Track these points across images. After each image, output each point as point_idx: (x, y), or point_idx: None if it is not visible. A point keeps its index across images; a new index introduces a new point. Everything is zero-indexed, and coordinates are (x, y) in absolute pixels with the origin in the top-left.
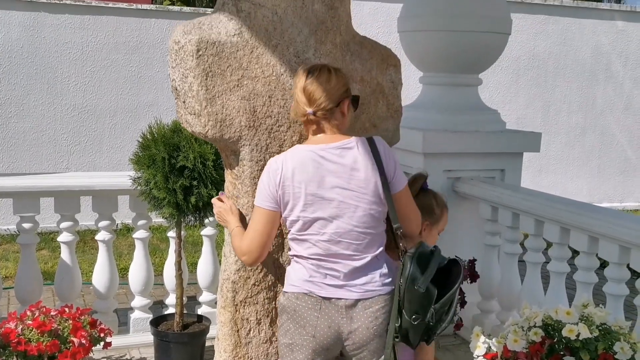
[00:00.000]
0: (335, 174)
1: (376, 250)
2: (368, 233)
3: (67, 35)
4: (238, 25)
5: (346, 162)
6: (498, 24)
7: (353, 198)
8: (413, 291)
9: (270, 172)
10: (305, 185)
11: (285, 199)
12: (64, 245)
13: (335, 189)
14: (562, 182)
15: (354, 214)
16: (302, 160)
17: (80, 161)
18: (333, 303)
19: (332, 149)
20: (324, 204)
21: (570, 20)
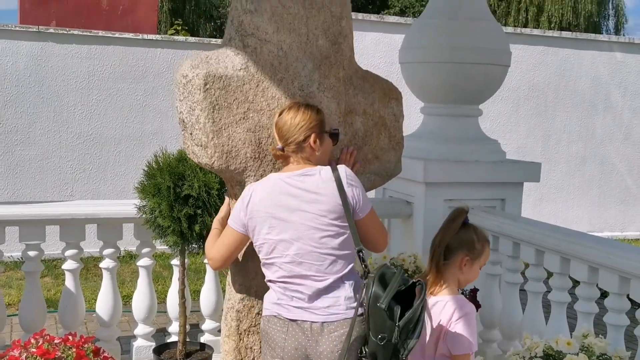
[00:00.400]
0: (296, 198)
1: (340, 272)
2: (330, 254)
3: (74, 65)
4: (244, 59)
5: (307, 187)
6: (498, 56)
7: (312, 220)
8: (376, 309)
9: (242, 198)
10: (269, 209)
11: (252, 224)
12: (69, 273)
13: (297, 212)
14: (562, 211)
15: (313, 235)
16: (269, 187)
17: (85, 188)
18: (299, 325)
19: (295, 176)
20: (286, 226)
21: (569, 51)
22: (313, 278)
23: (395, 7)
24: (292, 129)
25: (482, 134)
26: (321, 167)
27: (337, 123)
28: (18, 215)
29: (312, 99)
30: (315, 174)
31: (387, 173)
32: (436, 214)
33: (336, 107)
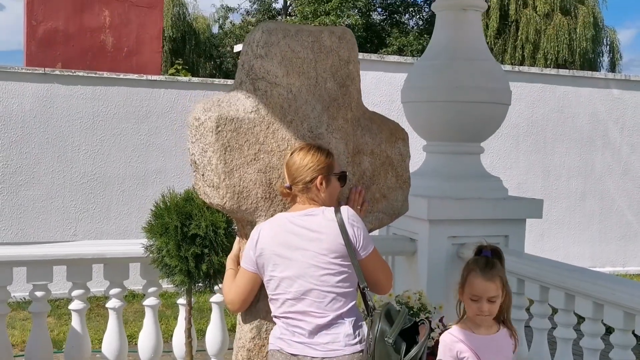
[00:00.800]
0: (299, 237)
1: (340, 309)
2: (330, 292)
3: (79, 106)
4: (255, 102)
5: (310, 226)
6: (498, 95)
7: (313, 259)
8: (383, 344)
9: (251, 238)
10: (274, 247)
11: (261, 262)
12: (75, 313)
13: (299, 250)
14: (564, 246)
15: (314, 273)
16: (276, 226)
17: (88, 228)
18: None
19: (300, 216)
20: (289, 264)
21: (567, 88)
22: (314, 314)
23: (393, 46)
24: (300, 169)
25: (484, 171)
26: (325, 207)
27: (345, 163)
28: (26, 255)
29: (321, 140)
30: (319, 214)
31: (394, 212)
32: (440, 251)
33: (344, 148)
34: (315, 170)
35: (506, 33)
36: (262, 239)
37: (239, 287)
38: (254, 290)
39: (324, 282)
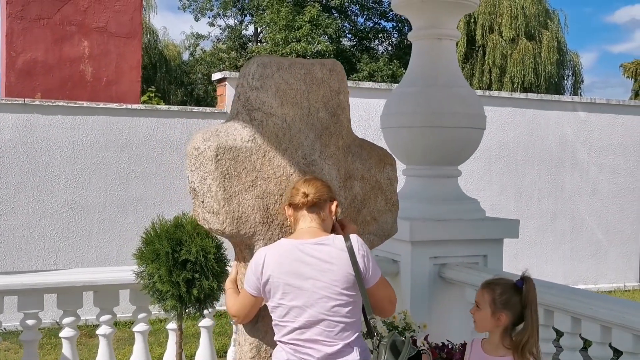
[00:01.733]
0: (310, 267)
1: (349, 338)
2: (340, 322)
3: (59, 135)
4: (252, 132)
5: (321, 256)
6: (475, 120)
7: (325, 289)
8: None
9: (253, 264)
10: (284, 276)
11: (267, 288)
12: (66, 340)
13: (310, 280)
14: (537, 265)
15: (326, 303)
16: (284, 253)
17: (69, 257)
18: None
19: (310, 244)
20: (300, 293)
21: (535, 112)
22: (323, 343)
23: (364, 71)
24: (322, 188)
25: (462, 193)
26: (334, 236)
27: (338, 188)
28: (17, 284)
29: (315, 167)
30: (330, 244)
31: (384, 233)
32: (422, 271)
33: (337, 173)
34: (331, 193)
35: (473, 58)
36: (269, 265)
37: (242, 305)
38: (256, 309)
39: (335, 312)
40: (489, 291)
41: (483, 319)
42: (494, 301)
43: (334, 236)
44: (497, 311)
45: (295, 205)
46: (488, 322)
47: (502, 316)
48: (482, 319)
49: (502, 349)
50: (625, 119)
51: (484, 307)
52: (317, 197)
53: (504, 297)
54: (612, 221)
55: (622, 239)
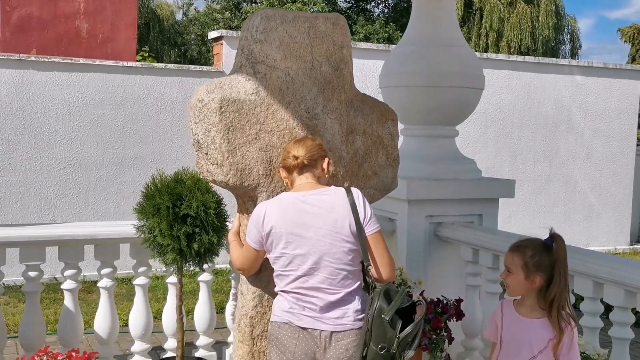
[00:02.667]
0: (313, 216)
1: (351, 286)
2: (342, 269)
3: (55, 92)
4: (255, 85)
5: (324, 205)
6: (473, 80)
7: (328, 237)
8: (380, 321)
9: (254, 218)
10: (287, 226)
11: (269, 240)
12: (67, 292)
13: (313, 228)
14: (530, 228)
15: (329, 251)
16: (285, 205)
17: (66, 213)
18: (310, 333)
19: (311, 195)
20: (303, 242)
21: (532, 75)
22: (326, 291)
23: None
24: (312, 147)
25: (459, 153)
26: (335, 187)
27: (339, 142)
28: (18, 237)
29: (317, 120)
30: (331, 194)
31: (385, 188)
32: (418, 229)
33: (339, 128)
34: (323, 151)
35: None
36: (270, 217)
37: (246, 258)
38: (259, 261)
39: (337, 259)
40: (519, 254)
41: (516, 284)
42: (526, 264)
43: (334, 187)
44: (530, 274)
45: (287, 167)
46: (522, 285)
47: (536, 278)
48: (515, 284)
49: (538, 311)
50: (621, 83)
51: (516, 271)
52: (307, 157)
53: (535, 259)
54: (605, 185)
55: (614, 202)
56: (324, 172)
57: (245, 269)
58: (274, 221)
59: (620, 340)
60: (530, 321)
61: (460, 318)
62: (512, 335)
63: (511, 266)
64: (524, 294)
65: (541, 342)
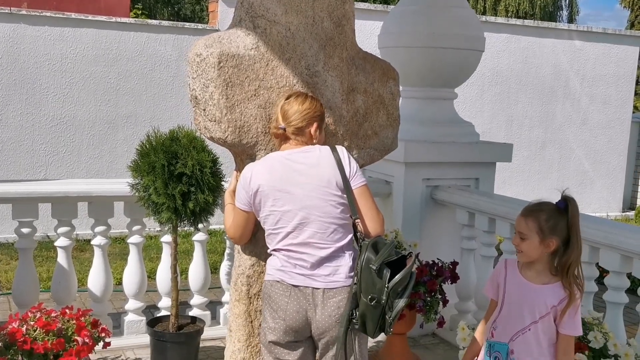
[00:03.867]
0: (299, 172)
1: (341, 240)
2: (332, 222)
3: (47, 47)
4: (255, 40)
5: (309, 161)
6: (473, 42)
7: (315, 191)
8: (368, 271)
9: (242, 179)
10: (274, 184)
11: (257, 199)
12: (61, 250)
13: (301, 184)
14: (524, 193)
15: (317, 205)
16: (271, 164)
17: (58, 171)
18: (301, 290)
19: (297, 153)
20: (290, 198)
21: (531, 39)
22: (316, 246)
23: None
24: (298, 114)
25: (457, 116)
26: (320, 146)
27: (340, 100)
28: (12, 192)
29: (318, 78)
30: (315, 150)
31: (384, 148)
32: (415, 192)
33: (339, 86)
34: (311, 117)
35: None
36: (256, 176)
37: (236, 225)
38: (250, 226)
39: (326, 213)
40: (534, 219)
41: (531, 249)
42: (541, 229)
43: (318, 145)
44: (546, 238)
45: (274, 134)
46: (537, 250)
47: (552, 242)
48: (530, 249)
49: (547, 276)
50: (619, 49)
51: (531, 236)
52: (292, 128)
53: (550, 223)
54: (599, 152)
55: (608, 169)
56: (312, 138)
57: (237, 237)
58: (261, 180)
59: (615, 304)
60: (537, 287)
61: (455, 281)
62: (516, 298)
63: (525, 231)
64: (537, 258)
65: (544, 308)
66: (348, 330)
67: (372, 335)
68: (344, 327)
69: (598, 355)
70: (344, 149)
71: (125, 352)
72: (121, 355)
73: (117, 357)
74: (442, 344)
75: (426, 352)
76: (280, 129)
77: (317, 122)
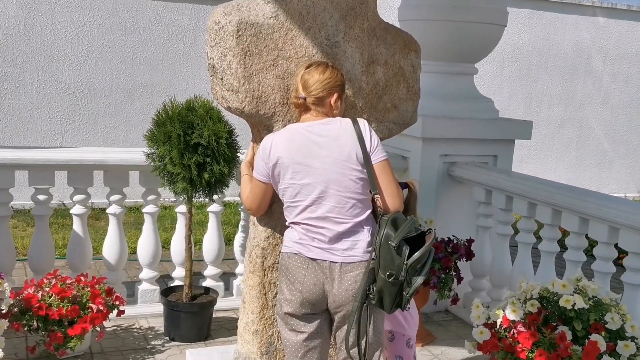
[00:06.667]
0: (319, 145)
1: (360, 215)
2: (350, 197)
3: (64, 15)
4: (274, 8)
5: (330, 134)
6: (495, 15)
7: (335, 165)
8: (387, 247)
9: (260, 150)
10: (293, 156)
11: (276, 171)
12: (76, 217)
13: (319, 157)
14: (541, 172)
15: (336, 179)
16: (291, 136)
17: (75, 139)
18: (319, 264)
19: (317, 125)
20: (310, 170)
21: (554, 15)
22: (334, 220)
23: None
24: (318, 84)
25: (477, 92)
26: (341, 118)
27: (360, 72)
28: (28, 159)
29: (338, 49)
30: (337, 123)
31: (404, 122)
32: (432, 168)
33: (360, 57)
34: (332, 87)
35: None
36: (276, 148)
37: (254, 195)
38: (268, 197)
39: (345, 187)
40: None
41: None
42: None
43: (340, 118)
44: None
45: (294, 104)
46: None
47: None
48: None
49: None
50: None
51: None
52: (312, 97)
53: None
54: (619, 131)
55: (627, 149)
56: (332, 108)
57: (254, 208)
58: (281, 151)
59: (633, 286)
60: None
61: (470, 258)
62: None
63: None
64: None
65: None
66: (364, 305)
67: (388, 311)
68: (358, 302)
69: (615, 336)
70: (365, 122)
71: (139, 321)
72: (135, 324)
73: (131, 325)
74: (455, 321)
75: (439, 328)
76: (301, 98)
77: (338, 92)
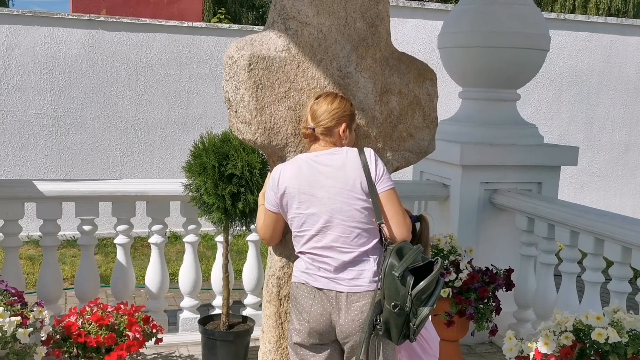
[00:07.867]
0: (325, 175)
1: (365, 245)
2: (355, 227)
3: (123, 52)
4: (286, 41)
5: (335, 164)
6: (535, 40)
7: (340, 195)
8: (391, 277)
9: (271, 180)
10: (300, 186)
11: (284, 201)
12: (120, 247)
13: (324, 187)
14: (605, 199)
15: (341, 209)
16: (298, 166)
17: (133, 171)
18: (325, 293)
19: (324, 155)
20: (315, 200)
21: (614, 37)
22: (339, 250)
23: None
24: (326, 114)
25: (519, 118)
26: (348, 147)
27: (373, 102)
28: (74, 191)
29: (350, 79)
30: (342, 153)
31: (421, 150)
32: (472, 196)
33: (372, 87)
34: (340, 117)
35: None
36: (284, 178)
37: (266, 226)
38: (279, 227)
39: (350, 217)
40: None
41: None
42: None
43: (346, 147)
44: None
45: (304, 135)
46: None
47: None
48: None
49: None
50: None
51: None
52: (321, 128)
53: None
54: None
55: None
56: (341, 138)
57: (267, 238)
58: (288, 181)
59: None
60: None
61: (510, 288)
62: None
63: None
64: None
65: None
66: (372, 336)
67: (396, 342)
68: (365, 334)
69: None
70: (371, 151)
71: (180, 349)
72: (175, 352)
73: (171, 353)
74: (499, 353)
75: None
76: (309, 129)
77: (347, 121)
